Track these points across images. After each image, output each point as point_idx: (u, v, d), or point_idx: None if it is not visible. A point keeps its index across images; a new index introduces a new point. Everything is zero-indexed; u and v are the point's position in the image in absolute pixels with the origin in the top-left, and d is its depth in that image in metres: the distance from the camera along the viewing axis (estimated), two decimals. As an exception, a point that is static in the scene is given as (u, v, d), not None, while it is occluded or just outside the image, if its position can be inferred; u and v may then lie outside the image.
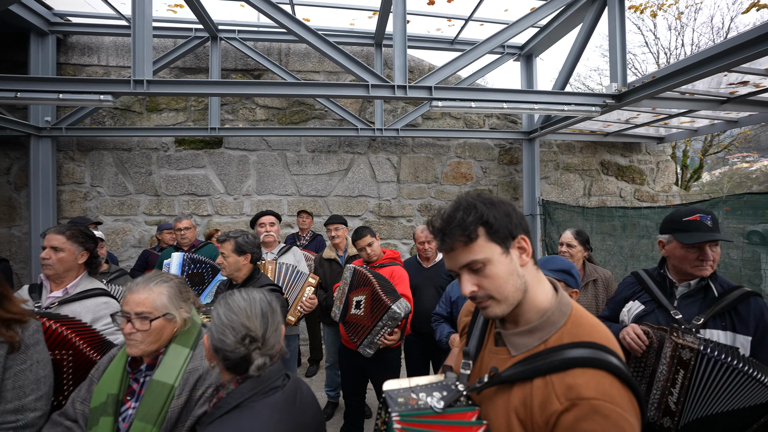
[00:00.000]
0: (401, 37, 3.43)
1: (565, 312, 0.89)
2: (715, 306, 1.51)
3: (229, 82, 3.42)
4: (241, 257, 2.13)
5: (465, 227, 0.85)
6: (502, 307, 0.87)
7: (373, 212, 5.45)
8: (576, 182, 5.90)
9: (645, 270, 1.77)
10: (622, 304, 1.74)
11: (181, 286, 1.32)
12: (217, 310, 1.02)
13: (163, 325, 1.22)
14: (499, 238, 0.87)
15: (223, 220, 5.26)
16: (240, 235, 2.17)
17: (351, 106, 5.39)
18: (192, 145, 5.22)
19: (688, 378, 1.38)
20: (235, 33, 5.02)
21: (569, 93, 3.81)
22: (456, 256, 0.88)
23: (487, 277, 0.86)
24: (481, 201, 0.89)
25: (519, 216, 0.91)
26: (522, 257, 0.90)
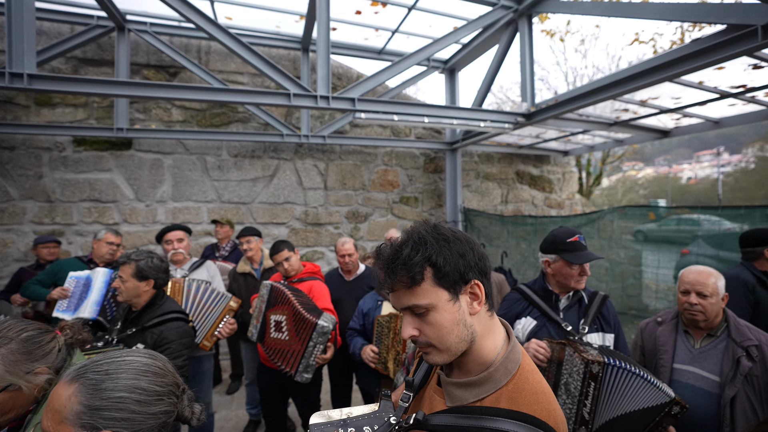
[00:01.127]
0: (325, 46, 3.40)
1: (510, 370, 0.81)
2: (590, 312, 1.75)
3: (140, 84, 3.10)
4: (142, 283, 1.92)
5: (409, 267, 0.76)
6: (442, 356, 0.80)
7: (300, 219, 5.34)
8: (494, 190, 6.33)
9: (526, 285, 1.93)
10: (512, 321, 1.86)
11: (30, 344, 1.08)
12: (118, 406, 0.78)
13: (7, 397, 1.02)
14: (447, 283, 0.78)
15: (133, 229, 4.80)
16: (144, 257, 1.94)
17: (276, 110, 5.23)
18: (95, 146, 4.69)
19: (597, 389, 1.53)
20: (147, 26, 4.61)
21: (485, 110, 4.08)
22: (398, 297, 0.80)
23: (430, 324, 0.78)
24: (434, 236, 0.80)
25: (477, 256, 0.82)
26: (473, 305, 0.81)
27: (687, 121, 4.59)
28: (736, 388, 1.58)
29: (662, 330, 1.84)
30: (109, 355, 0.82)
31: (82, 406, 0.74)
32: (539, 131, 5.34)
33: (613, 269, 4.87)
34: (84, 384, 0.76)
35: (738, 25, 2.30)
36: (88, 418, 0.74)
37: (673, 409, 1.50)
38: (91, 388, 0.75)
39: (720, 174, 25.04)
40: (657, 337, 1.84)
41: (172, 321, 1.92)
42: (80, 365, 0.79)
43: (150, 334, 1.86)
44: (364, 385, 2.67)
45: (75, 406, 0.74)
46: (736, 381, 1.58)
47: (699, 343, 1.75)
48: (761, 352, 1.60)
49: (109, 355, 0.82)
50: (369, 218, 5.65)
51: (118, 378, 0.78)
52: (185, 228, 2.98)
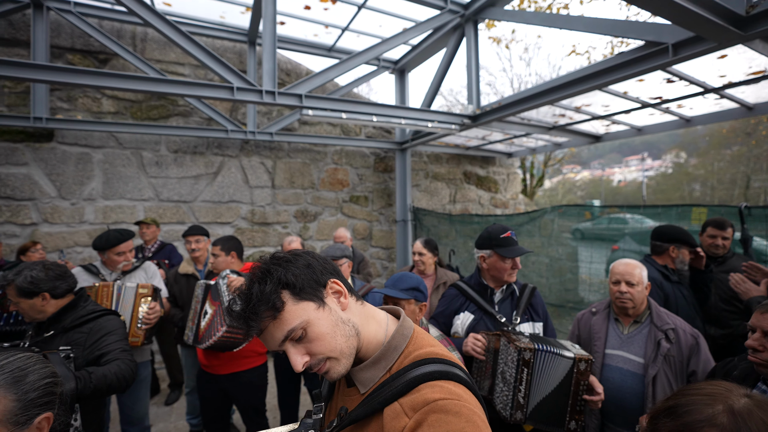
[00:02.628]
0: (271, 40, 3.30)
1: (406, 335, 0.85)
2: (521, 304, 1.88)
3: (63, 69, 2.79)
4: (35, 299, 1.73)
5: (267, 299, 0.75)
6: (342, 362, 0.80)
7: (246, 219, 5.14)
8: (443, 190, 6.50)
9: (463, 281, 2.03)
10: (452, 317, 1.95)
11: None
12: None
13: None
14: (308, 294, 0.79)
15: (55, 230, 4.36)
16: (22, 274, 1.72)
17: (221, 105, 5.00)
18: (7, 137, 4.20)
19: (529, 374, 1.65)
20: (71, 5, 4.19)
21: (433, 111, 4.17)
22: (271, 333, 0.77)
23: (313, 340, 0.77)
24: (274, 263, 0.81)
25: (321, 261, 0.85)
26: (340, 301, 0.84)
27: (615, 128, 5.00)
28: (657, 368, 1.75)
29: (596, 319, 2.00)
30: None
31: (15, 402, 0.83)
32: (485, 133, 5.55)
33: (552, 265, 5.19)
34: (5, 385, 0.83)
35: (653, 42, 2.54)
36: (23, 411, 0.83)
37: (580, 366, 1.64)
38: (14, 385, 0.84)
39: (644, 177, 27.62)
40: (592, 325, 1.99)
41: (103, 316, 1.82)
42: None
43: (77, 333, 1.74)
44: (312, 386, 2.63)
45: (8, 405, 0.82)
46: (657, 361, 1.75)
47: (627, 329, 1.91)
48: (677, 334, 1.79)
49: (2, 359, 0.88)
50: (318, 217, 5.56)
51: (35, 370, 0.89)
52: (131, 236, 2.70)
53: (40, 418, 0.84)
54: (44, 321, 1.79)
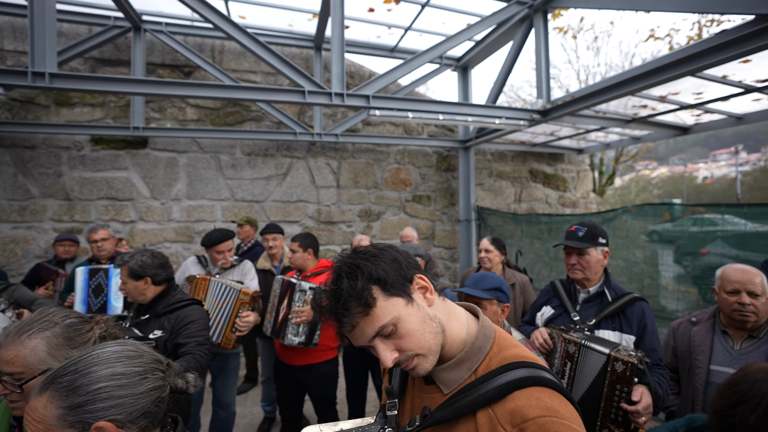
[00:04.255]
0: (339, 44, 3.40)
1: (489, 336, 0.84)
2: (606, 309, 1.74)
3: (156, 81, 3.15)
4: (140, 282, 1.94)
5: (358, 295, 0.74)
6: (429, 359, 0.79)
7: (313, 218, 5.35)
8: (508, 189, 6.27)
9: (560, 280, 1.98)
10: (538, 309, 1.95)
11: (71, 331, 1.08)
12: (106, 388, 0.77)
13: None
14: (397, 290, 0.78)
15: (148, 227, 4.86)
16: (134, 257, 1.95)
17: (289, 109, 5.25)
18: (112, 145, 4.76)
19: (573, 369, 1.58)
20: (162, 26, 4.66)
21: (500, 107, 4.04)
22: (361, 330, 0.76)
23: (403, 337, 0.76)
24: (361, 258, 0.79)
25: (405, 256, 0.84)
26: (426, 297, 0.82)
27: (708, 118, 4.48)
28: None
29: (697, 330, 1.80)
30: (73, 357, 0.82)
31: (61, 409, 0.74)
32: (554, 129, 5.27)
33: (629, 269, 4.79)
34: (55, 390, 0.75)
35: (765, 16, 2.23)
36: (73, 417, 0.74)
37: (615, 366, 1.49)
38: (64, 390, 0.75)
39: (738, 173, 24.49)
40: (692, 337, 1.80)
41: (189, 305, 1.97)
42: (47, 376, 0.79)
43: (166, 320, 1.91)
44: (380, 382, 2.67)
45: (54, 410, 0.74)
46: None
47: (739, 344, 1.71)
48: None
49: (73, 358, 0.81)
50: (381, 217, 5.63)
51: (90, 372, 0.77)
52: (232, 236, 2.90)
53: (95, 425, 0.75)
54: (142, 306, 2.01)
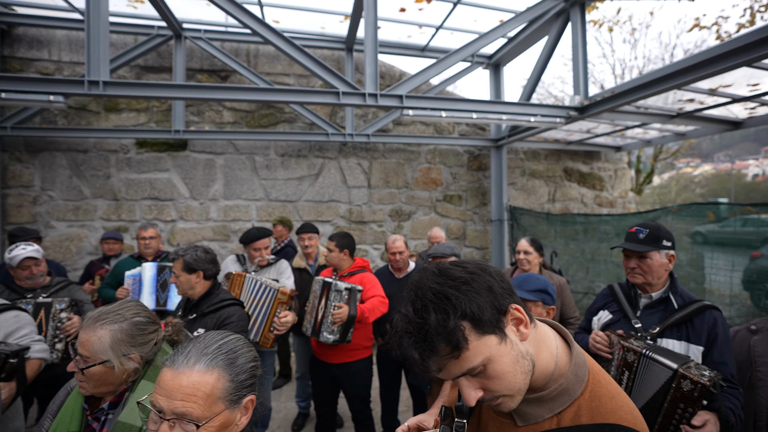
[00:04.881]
0: (372, 44, 3.43)
1: (581, 378, 0.75)
2: (672, 317, 1.62)
3: (196, 86, 3.29)
4: (192, 275, 2.02)
5: (449, 335, 0.64)
6: (515, 399, 0.72)
7: (344, 217, 5.42)
8: (541, 188, 6.12)
9: (619, 283, 1.88)
10: (595, 313, 1.85)
11: (136, 329, 1.14)
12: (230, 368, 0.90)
13: (102, 372, 1.08)
14: (491, 327, 0.68)
15: (188, 226, 5.07)
16: (190, 252, 2.05)
17: (321, 110, 5.33)
18: (155, 148, 5.00)
19: (631, 379, 1.49)
20: (201, 32, 4.85)
21: (536, 105, 3.95)
22: (447, 371, 0.68)
23: (492, 378, 0.69)
24: (451, 285, 0.68)
25: (499, 280, 0.72)
26: (520, 330, 0.72)
27: (764, 110, 4.20)
28: None
29: (758, 340, 1.66)
30: (213, 340, 0.92)
31: (230, 383, 0.87)
32: (590, 126, 5.09)
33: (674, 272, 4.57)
34: (223, 366, 0.87)
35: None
36: (234, 391, 0.87)
37: (682, 384, 1.36)
38: (229, 367, 0.88)
39: (793, 170, 22.73)
40: (752, 347, 1.66)
41: (229, 306, 2.04)
42: (200, 354, 0.87)
43: (210, 319, 1.98)
44: (414, 381, 2.67)
45: (225, 384, 0.86)
46: None
47: None
48: None
49: (209, 340, 0.92)
50: (412, 216, 5.63)
51: (242, 354, 0.92)
52: (269, 234, 2.96)
53: (246, 399, 0.90)
54: (188, 306, 2.09)
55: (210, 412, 0.82)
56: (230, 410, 0.86)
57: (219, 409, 0.84)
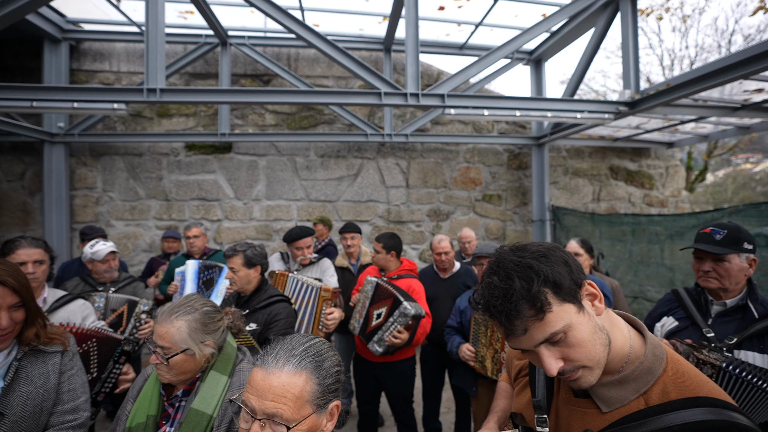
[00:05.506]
0: (413, 44, 3.43)
1: (660, 356, 0.76)
2: (753, 327, 1.48)
3: (241, 90, 3.44)
4: (251, 270, 2.10)
5: (533, 298, 0.69)
6: (595, 372, 0.73)
7: (383, 217, 5.45)
8: (585, 187, 5.88)
9: (685, 288, 1.75)
10: (657, 319, 1.73)
11: (207, 318, 1.22)
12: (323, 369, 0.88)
13: (183, 360, 1.16)
14: (569, 296, 0.71)
15: (232, 225, 5.28)
16: (248, 247, 2.13)
17: (360, 111, 5.39)
18: (202, 150, 5.25)
19: None
20: (245, 39, 5.03)
21: (582, 100, 3.81)
22: (530, 336, 0.71)
23: (572, 346, 0.71)
24: (531, 257, 0.73)
25: (573, 259, 0.76)
26: (595, 305, 0.76)
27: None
28: None
29: None
30: (295, 341, 0.90)
31: (318, 386, 0.85)
32: (640, 121, 4.84)
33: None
34: (311, 368, 0.86)
35: None
36: (321, 395, 0.85)
37: None
38: (316, 370, 0.86)
39: None
40: None
41: (278, 302, 2.10)
42: (289, 355, 0.86)
43: (261, 314, 2.05)
44: (458, 383, 2.65)
45: (313, 387, 0.84)
46: None
47: None
48: None
49: (296, 341, 0.90)
50: (451, 216, 5.58)
51: (328, 358, 0.89)
52: (311, 233, 3.00)
53: (332, 404, 0.88)
54: (239, 302, 2.17)
55: (299, 415, 0.81)
56: (317, 414, 0.85)
57: (307, 412, 0.83)
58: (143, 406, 1.19)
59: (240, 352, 1.33)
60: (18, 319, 1.15)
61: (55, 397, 1.26)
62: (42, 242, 1.94)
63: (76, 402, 1.31)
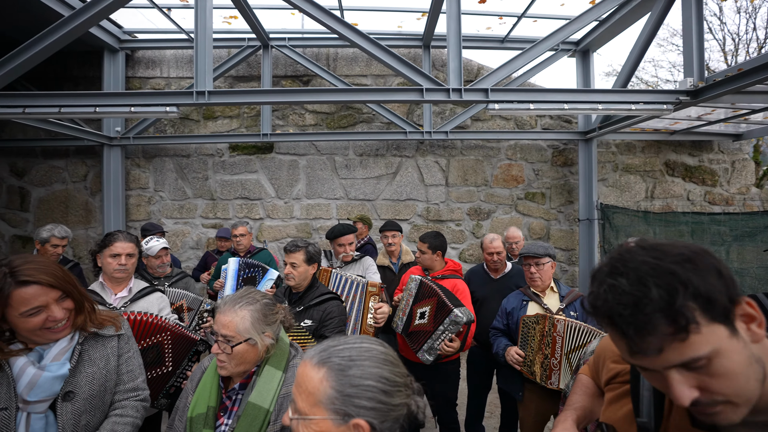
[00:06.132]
0: (456, 38, 3.35)
1: None
2: None
3: (283, 90, 3.49)
4: (310, 266, 2.13)
5: (676, 313, 0.56)
6: (740, 411, 0.60)
7: (422, 216, 5.39)
8: (637, 184, 5.52)
9: (765, 293, 1.56)
10: None
11: (267, 309, 1.27)
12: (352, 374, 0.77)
13: (245, 350, 1.20)
14: (722, 315, 0.58)
15: (274, 224, 5.41)
16: (308, 244, 2.17)
17: (399, 109, 5.36)
18: (245, 151, 5.41)
19: None
20: (286, 40, 5.13)
21: (637, 90, 3.57)
22: (663, 357, 0.59)
23: (716, 377, 0.58)
24: (673, 260, 0.59)
25: (725, 266, 0.62)
26: (751, 329, 0.62)
27: None
28: None
29: None
30: (342, 340, 0.83)
31: (334, 390, 0.75)
32: (702, 111, 4.47)
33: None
34: (332, 368, 0.76)
35: None
36: (340, 403, 0.74)
37: None
38: (339, 373, 0.76)
39: None
40: None
41: (331, 300, 2.10)
42: (321, 349, 0.81)
43: (315, 311, 2.06)
44: (505, 386, 2.55)
45: (327, 390, 0.75)
46: None
47: None
48: None
49: (343, 341, 0.83)
50: (492, 215, 5.42)
51: (362, 365, 0.77)
52: (353, 229, 3.02)
53: (354, 421, 0.74)
54: (292, 299, 2.19)
55: (310, 411, 0.75)
56: (335, 423, 0.74)
57: (319, 413, 0.75)
58: (203, 397, 1.23)
59: (292, 348, 1.34)
60: (69, 307, 1.22)
61: (116, 377, 1.35)
62: (134, 237, 2.09)
63: (135, 382, 1.40)
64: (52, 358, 1.20)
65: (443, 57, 5.43)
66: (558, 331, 2.12)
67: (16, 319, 1.13)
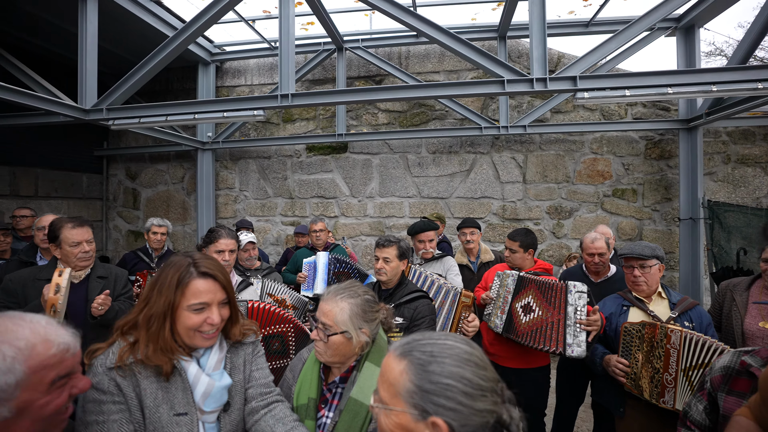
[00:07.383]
0: (540, 24, 3.14)
1: None
2: None
3: (359, 90, 3.54)
4: (402, 262, 2.11)
5: None
6: None
7: (497, 214, 5.17)
8: (756, 178, 4.78)
9: None
10: None
11: (367, 305, 1.24)
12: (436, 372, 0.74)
13: (340, 342, 1.19)
14: None
15: (348, 222, 5.55)
16: (400, 240, 2.16)
17: (473, 104, 5.20)
18: (321, 151, 5.62)
19: None
20: (359, 42, 5.23)
21: (763, 66, 3.05)
22: None
23: None
24: None
25: None
26: None
27: None
28: None
29: None
30: (427, 335, 0.81)
31: (413, 384, 0.73)
32: None
33: None
34: (412, 362, 0.75)
35: None
36: (419, 399, 0.72)
37: None
38: (419, 367, 0.74)
39: None
40: None
41: (422, 298, 2.05)
42: (405, 342, 0.80)
43: (406, 309, 2.02)
44: (601, 400, 2.32)
45: (406, 383, 0.74)
46: None
47: None
48: None
49: (428, 335, 0.81)
50: (574, 214, 5.04)
51: (443, 362, 0.74)
52: (435, 226, 3.01)
53: (432, 419, 0.71)
54: (381, 296, 2.19)
55: (390, 401, 0.75)
56: (413, 417, 0.72)
57: (399, 405, 0.74)
58: (304, 389, 1.25)
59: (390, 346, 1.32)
60: (225, 316, 1.17)
61: (248, 381, 1.27)
62: (235, 234, 2.24)
63: (267, 379, 1.31)
64: (213, 367, 1.15)
65: (519, 48, 5.16)
66: (672, 342, 1.87)
67: (181, 312, 1.10)
